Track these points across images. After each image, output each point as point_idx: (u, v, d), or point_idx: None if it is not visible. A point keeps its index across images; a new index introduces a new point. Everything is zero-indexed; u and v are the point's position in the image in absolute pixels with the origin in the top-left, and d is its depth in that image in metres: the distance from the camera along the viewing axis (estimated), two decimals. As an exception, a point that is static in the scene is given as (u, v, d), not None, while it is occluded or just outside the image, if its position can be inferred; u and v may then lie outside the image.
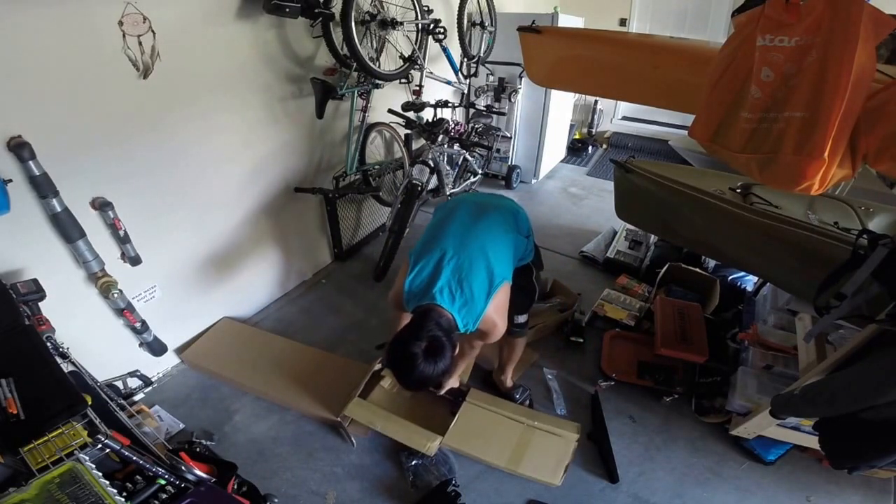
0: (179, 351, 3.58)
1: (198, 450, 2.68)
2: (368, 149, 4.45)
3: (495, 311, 2.30)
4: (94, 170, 2.68)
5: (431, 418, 2.95)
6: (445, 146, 4.83)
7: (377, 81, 4.01)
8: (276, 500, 2.56)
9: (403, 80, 4.60)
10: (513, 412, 3.02)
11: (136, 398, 3.13)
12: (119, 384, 2.95)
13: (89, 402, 1.73)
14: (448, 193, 4.84)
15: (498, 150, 6.46)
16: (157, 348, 3.30)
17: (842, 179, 1.90)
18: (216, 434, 3.05)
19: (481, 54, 5.61)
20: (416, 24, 4.21)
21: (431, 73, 4.80)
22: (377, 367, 3.22)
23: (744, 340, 3.25)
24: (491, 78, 6.11)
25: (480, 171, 5.79)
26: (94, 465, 1.51)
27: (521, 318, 2.88)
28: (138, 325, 3.09)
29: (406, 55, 4.30)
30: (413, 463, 2.85)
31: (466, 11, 5.01)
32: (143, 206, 2.99)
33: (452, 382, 3.10)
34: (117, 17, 2.51)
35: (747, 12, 1.89)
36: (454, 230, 2.35)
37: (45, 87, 2.36)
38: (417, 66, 4.43)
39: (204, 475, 1.93)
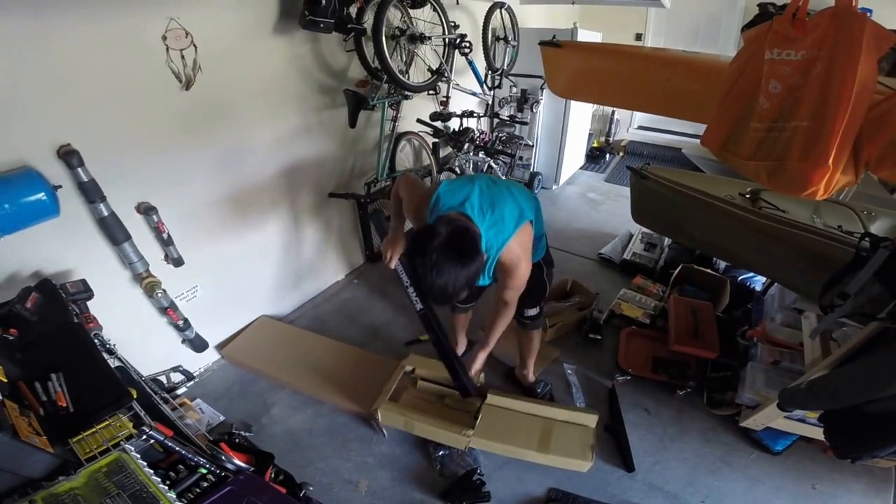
0: (220, 347, 3.62)
1: (237, 440, 2.70)
2: (398, 156, 4.48)
3: (519, 246, 2.24)
4: (139, 176, 2.72)
5: (454, 419, 2.90)
6: (471, 154, 4.84)
7: (406, 93, 4.03)
8: (310, 489, 2.55)
9: (431, 92, 4.62)
10: (530, 408, 2.98)
11: (179, 392, 3.19)
12: (163, 378, 2.99)
13: (135, 396, 1.74)
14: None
15: (521, 158, 6.44)
16: (198, 345, 3.34)
17: (845, 185, 1.90)
18: (254, 426, 3.09)
19: (505, 67, 5.61)
20: (444, 39, 4.24)
21: (458, 85, 4.82)
22: (406, 367, 3.21)
23: (753, 337, 3.24)
24: (514, 89, 6.11)
25: (504, 178, 5.78)
26: (139, 455, 1.52)
27: (532, 312, 2.85)
28: (181, 322, 3.12)
29: (434, 68, 4.32)
30: (440, 453, 2.88)
31: (491, 27, 5.01)
32: (186, 211, 3.03)
33: (481, 358, 2.77)
34: (161, 31, 2.56)
35: (756, 27, 1.90)
36: (480, 180, 2.31)
37: (94, 97, 2.40)
38: (445, 79, 4.46)
39: (243, 464, 1.92)
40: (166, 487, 1.49)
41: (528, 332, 3.02)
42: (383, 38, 3.36)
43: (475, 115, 4.89)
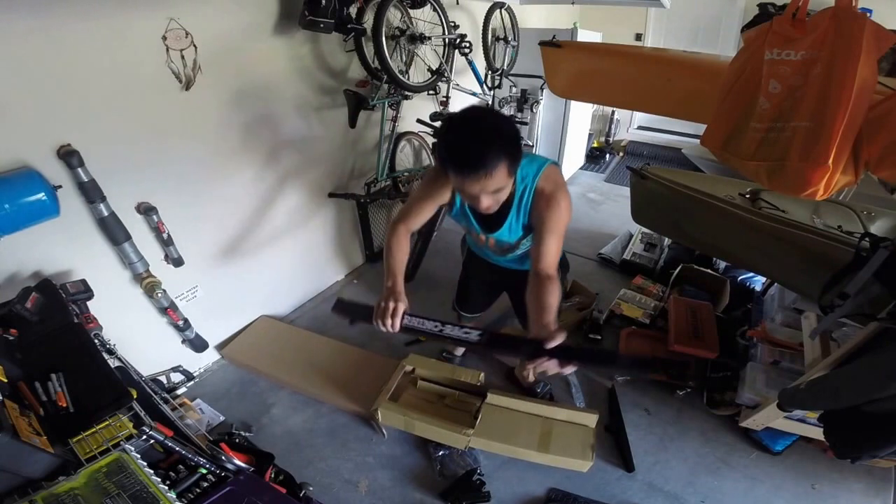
0: (220, 347, 3.62)
1: (237, 441, 2.71)
2: (398, 156, 4.46)
3: (558, 179, 1.99)
4: (139, 176, 2.70)
5: (454, 418, 2.89)
6: (470, 154, 4.83)
7: (406, 93, 4.02)
8: (310, 489, 2.55)
9: (431, 92, 4.60)
10: (530, 408, 2.96)
11: (179, 392, 3.20)
12: (163, 379, 2.99)
13: (135, 396, 1.74)
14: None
15: (520, 158, 6.43)
16: (198, 345, 3.33)
17: (845, 185, 1.91)
18: (254, 426, 3.09)
19: (505, 67, 5.60)
20: (444, 39, 4.23)
21: (458, 85, 4.81)
22: (406, 367, 3.19)
23: (752, 337, 3.24)
24: (514, 89, 6.09)
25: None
26: (139, 455, 1.52)
27: None
28: (181, 323, 3.11)
29: (434, 68, 4.31)
30: (440, 453, 2.88)
31: (491, 27, 5.00)
32: (186, 211, 3.02)
33: (553, 323, 1.73)
34: (161, 31, 2.55)
35: (756, 27, 1.91)
36: None
37: (94, 97, 2.39)
38: (445, 79, 4.45)
39: (243, 465, 1.92)
40: (166, 487, 1.49)
41: None
42: (383, 39, 3.35)
43: (475, 115, 4.87)
